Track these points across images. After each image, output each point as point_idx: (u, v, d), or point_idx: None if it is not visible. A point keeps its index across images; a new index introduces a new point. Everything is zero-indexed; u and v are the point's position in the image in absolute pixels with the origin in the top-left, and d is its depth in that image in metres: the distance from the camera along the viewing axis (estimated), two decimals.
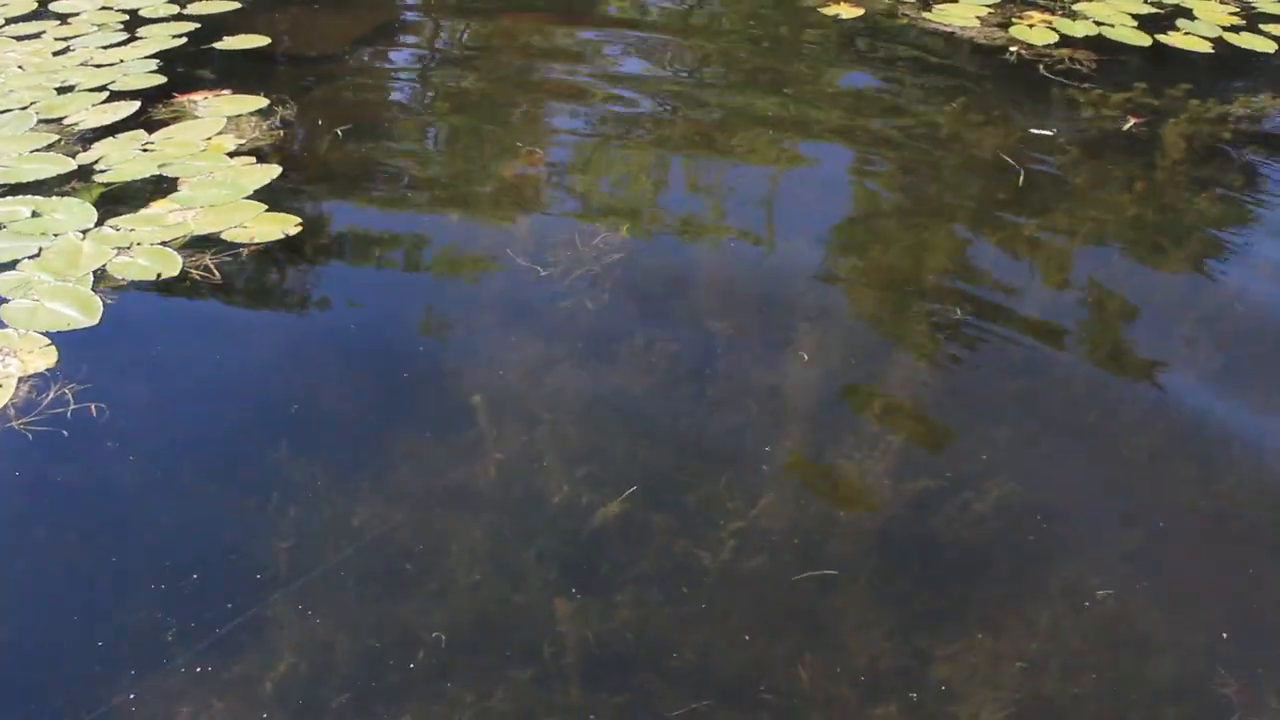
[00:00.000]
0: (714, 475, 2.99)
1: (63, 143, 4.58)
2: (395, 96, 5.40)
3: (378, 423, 3.19)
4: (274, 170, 4.35)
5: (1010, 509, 2.91)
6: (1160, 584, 2.76)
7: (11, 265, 3.75)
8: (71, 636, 2.58)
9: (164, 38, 5.63)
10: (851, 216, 4.37)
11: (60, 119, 4.78)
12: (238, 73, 5.29)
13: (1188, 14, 6.13)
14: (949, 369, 3.43)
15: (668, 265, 3.94)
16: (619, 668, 2.52)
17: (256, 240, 3.95)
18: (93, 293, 3.62)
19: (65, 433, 3.06)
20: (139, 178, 4.31)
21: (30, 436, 3.04)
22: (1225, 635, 2.63)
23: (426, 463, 3.03)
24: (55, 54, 5.44)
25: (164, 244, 3.89)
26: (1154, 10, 6.15)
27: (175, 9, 6.01)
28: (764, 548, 2.78)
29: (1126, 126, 4.88)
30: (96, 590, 2.70)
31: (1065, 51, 5.65)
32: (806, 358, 3.42)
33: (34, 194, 4.18)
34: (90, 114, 4.81)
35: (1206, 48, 5.77)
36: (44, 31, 5.71)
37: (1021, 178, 4.41)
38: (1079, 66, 5.49)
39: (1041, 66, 5.49)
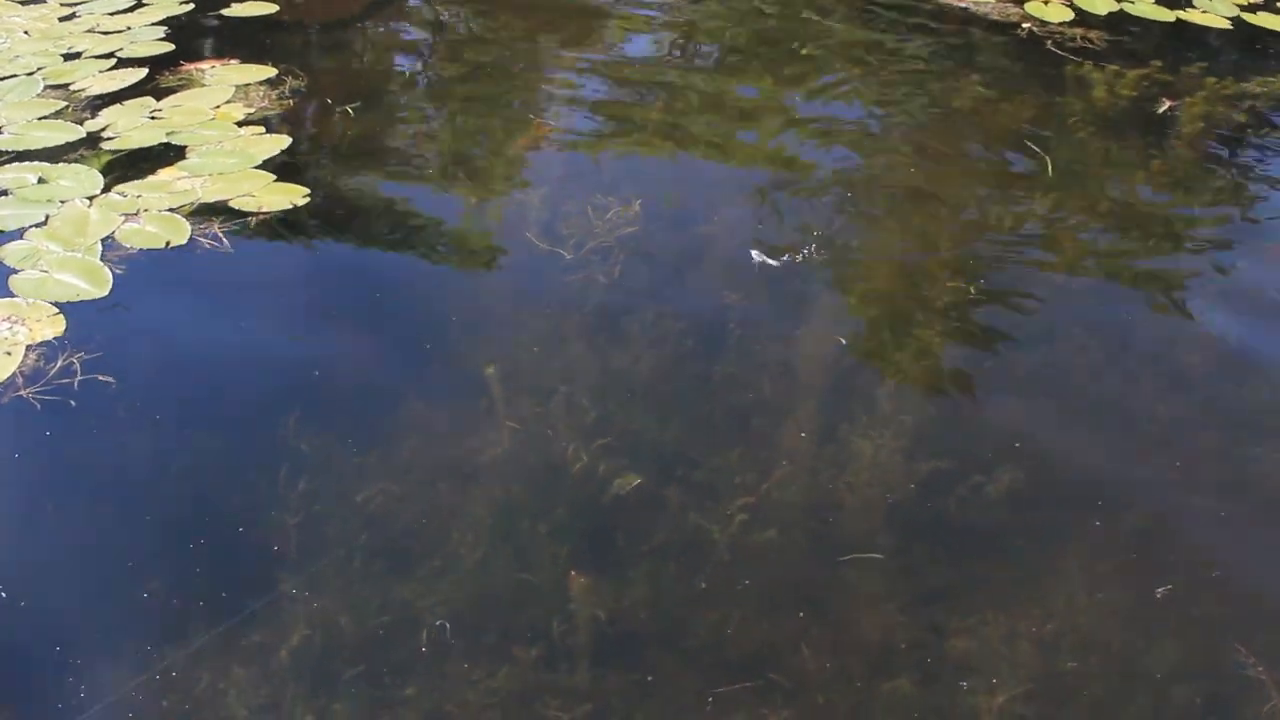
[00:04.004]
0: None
1: (70, 109, 4.54)
2: (404, 67, 5.36)
3: (391, 392, 3.16)
4: (283, 140, 4.32)
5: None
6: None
7: (19, 233, 3.72)
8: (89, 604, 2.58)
9: (171, 4, 5.57)
10: (858, 190, 4.33)
11: (67, 85, 4.73)
12: (246, 41, 5.24)
13: None
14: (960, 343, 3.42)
15: (679, 238, 3.91)
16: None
17: (265, 210, 3.92)
18: (101, 263, 3.59)
19: (73, 401, 3.04)
20: (147, 145, 4.28)
21: (38, 405, 3.02)
22: None
23: (439, 433, 3.01)
24: (61, 20, 5.39)
25: (172, 211, 3.86)
26: None
27: None
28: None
29: (1161, 109, 4.82)
30: (105, 558, 2.69)
31: (1079, 30, 5.59)
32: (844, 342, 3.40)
33: (41, 160, 4.14)
34: (97, 81, 4.77)
35: (1226, 25, 5.71)
36: None
37: (1050, 165, 4.35)
38: (1090, 44, 5.44)
39: (1050, 43, 5.43)
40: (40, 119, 4.45)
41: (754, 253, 3.55)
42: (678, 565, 2.68)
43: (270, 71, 4.89)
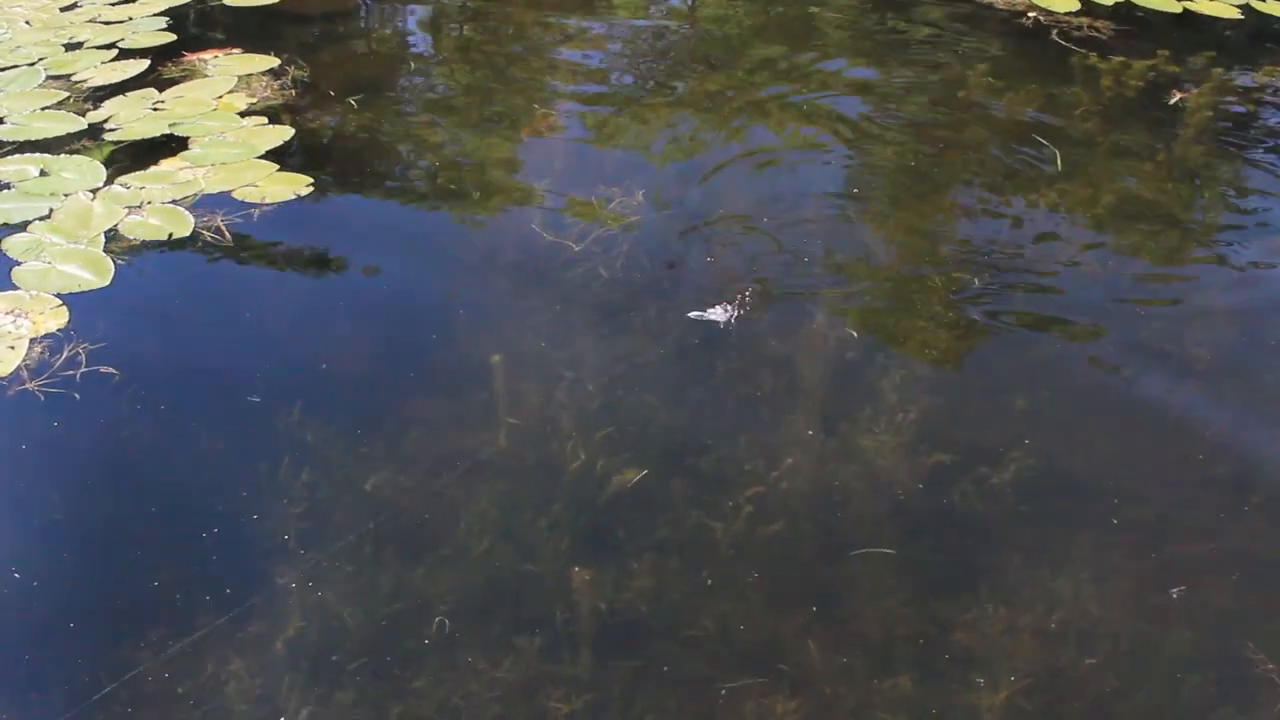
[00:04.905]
0: None
1: (72, 100, 4.52)
2: (407, 56, 5.34)
3: (395, 382, 3.16)
4: (286, 131, 4.30)
5: None
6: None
7: (22, 226, 3.71)
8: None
9: None
10: (861, 178, 4.31)
11: (69, 76, 4.72)
12: (248, 31, 5.23)
13: None
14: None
15: (686, 226, 3.90)
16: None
17: (268, 200, 3.90)
18: (104, 254, 3.58)
19: (77, 395, 3.04)
20: (149, 136, 4.26)
21: (43, 397, 3.01)
22: None
23: (440, 424, 3.01)
24: (63, 9, 5.38)
25: (175, 203, 3.85)
26: None
27: None
28: None
29: (1173, 100, 4.79)
30: (115, 551, 2.69)
31: (1085, 19, 5.56)
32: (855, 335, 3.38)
33: (43, 152, 4.12)
34: (99, 71, 4.76)
35: (1235, 14, 5.67)
36: None
37: (1059, 159, 4.32)
38: (1097, 34, 5.40)
39: (1055, 33, 5.40)
40: (42, 110, 4.43)
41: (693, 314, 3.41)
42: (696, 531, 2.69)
43: (273, 61, 4.87)
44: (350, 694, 2.38)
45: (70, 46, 4.98)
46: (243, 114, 4.43)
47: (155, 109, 4.46)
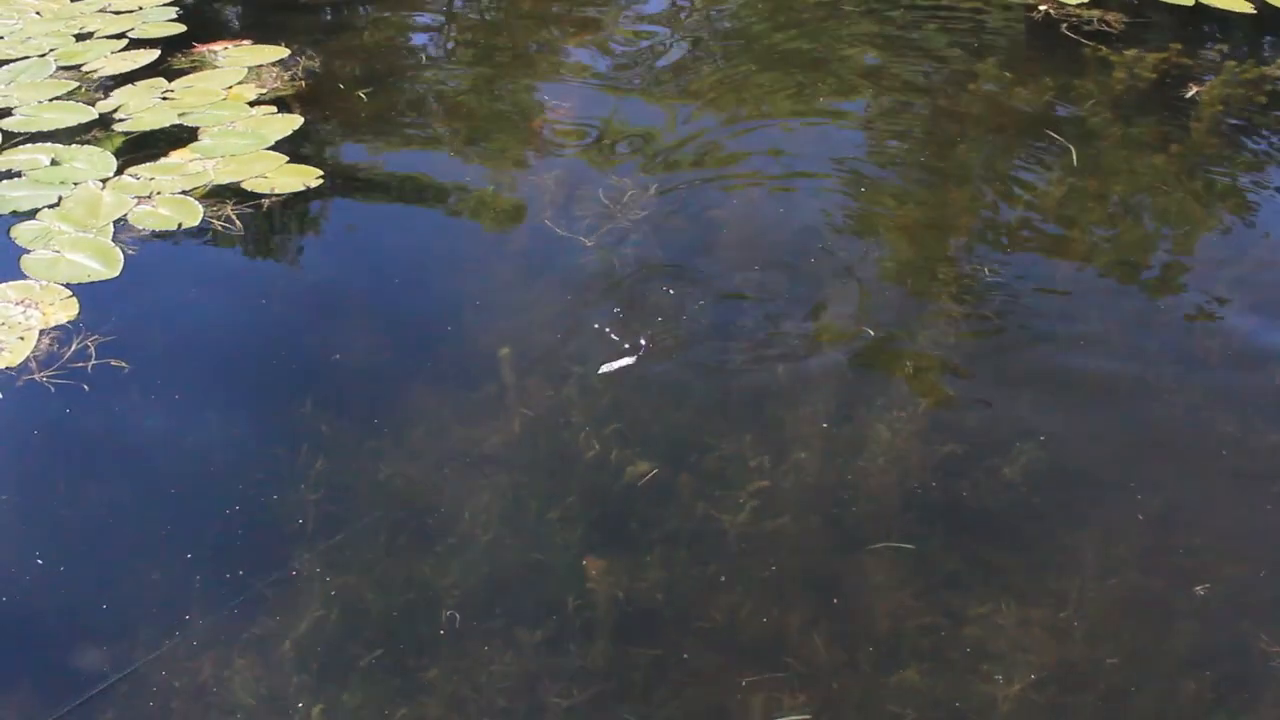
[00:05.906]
0: None
1: (82, 90, 4.53)
2: (417, 46, 5.32)
3: (401, 374, 3.15)
4: (296, 121, 4.30)
5: None
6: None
7: (31, 214, 3.71)
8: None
9: None
10: (871, 172, 4.29)
11: (79, 66, 4.72)
12: (258, 21, 5.22)
13: None
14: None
15: (696, 218, 3.88)
16: None
17: (278, 191, 3.90)
18: (113, 244, 3.58)
19: (86, 386, 3.04)
20: (159, 126, 4.26)
21: (52, 389, 3.02)
22: None
23: (456, 419, 3.01)
24: (73, 0, 5.38)
25: (184, 193, 3.85)
26: None
27: None
28: None
29: (1190, 94, 4.75)
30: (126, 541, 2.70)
31: (1096, 13, 5.52)
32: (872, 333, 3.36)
33: (53, 142, 4.13)
34: (109, 61, 4.76)
35: (1248, 8, 5.62)
36: None
37: (1074, 155, 4.28)
38: (1109, 27, 5.36)
39: (1065, 26, 5.36)
40: (52, 100, 4.44)
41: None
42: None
43: (283, 52, 4.87)
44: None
45: (80, 37, 4.98)
46: (252, 104, 4.43)
47: (165, 99, 4.46)
